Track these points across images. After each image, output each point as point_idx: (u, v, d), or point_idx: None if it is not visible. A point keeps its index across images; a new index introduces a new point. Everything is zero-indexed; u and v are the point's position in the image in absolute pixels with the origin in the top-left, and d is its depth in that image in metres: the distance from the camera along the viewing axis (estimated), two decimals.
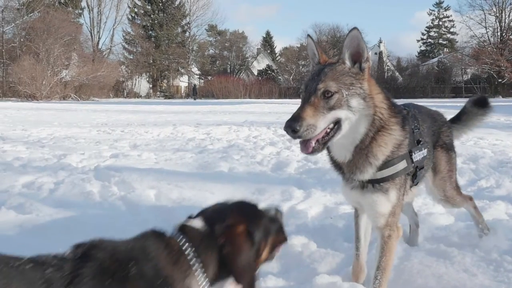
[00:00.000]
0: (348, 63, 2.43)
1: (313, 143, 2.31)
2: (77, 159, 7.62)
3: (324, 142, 2.34)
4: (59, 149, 8.92)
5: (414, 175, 2.75)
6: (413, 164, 2.63)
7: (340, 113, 2.33)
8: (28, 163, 7.21)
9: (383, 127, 2.47)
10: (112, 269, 1.57)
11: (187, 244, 1.78)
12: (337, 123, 2.35)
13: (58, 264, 1.51)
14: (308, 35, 2.69)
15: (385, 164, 2.52)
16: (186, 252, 1.76)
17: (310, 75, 2.45)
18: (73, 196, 5.11)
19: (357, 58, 2.44)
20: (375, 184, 2.55)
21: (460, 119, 3.59)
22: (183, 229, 1.87)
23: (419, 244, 3.61)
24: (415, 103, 3.43)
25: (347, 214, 4.17)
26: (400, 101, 2.90)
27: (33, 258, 1.49)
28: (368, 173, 2.53)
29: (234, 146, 9.51)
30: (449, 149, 3.28)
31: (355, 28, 2.42)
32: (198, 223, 1.89)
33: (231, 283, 1.85)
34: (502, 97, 54.46)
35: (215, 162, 7.38)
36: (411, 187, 2.82)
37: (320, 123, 2.28)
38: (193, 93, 59.77)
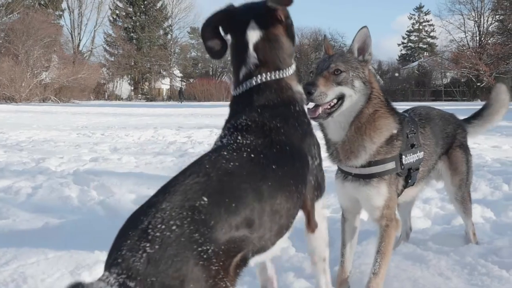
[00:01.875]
0: (355, 53, 2.79)
1: (320, 110, 2.61)
2: (56, 163, 7.54)
3: (327, 113, 2.63)
4: (38, 153, 8.82)
5: (408, 176, 2.88)
6: (402, 167, 2.78)
7: (345, 90, 2.66)
8: (6, 167, 7.11)
9: (378, 109, 2.74)
10: None
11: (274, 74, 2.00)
12: (340, 99, 2.66)
13: None
14: (324, 35, 3.16)
15: (376, 162, 2.71)
16: None
17: (320, 59, 2.82)
18: (51, 201, 5.05)
19: (362, 51, 2.80)
20: (365, 179, 2.74)
21: (482, 114, 3.72)
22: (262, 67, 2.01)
23: (396, 248, 3.65)
24: (429, 106, 3.61)
25: (328, 218, 4.19)
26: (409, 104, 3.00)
27: None
28: (362, 159, 2.72)
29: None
30: (466, 150, 3.47)
31: (365, 26, 2.79)
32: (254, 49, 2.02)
33: None
34: (481, 100, 55.19)
35: None
36: (405, 187, 2.93)
37: (330, 92, 2.61)
38: (180, 96, 59.31)
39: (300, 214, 2.01)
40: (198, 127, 15.55)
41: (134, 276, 1.31)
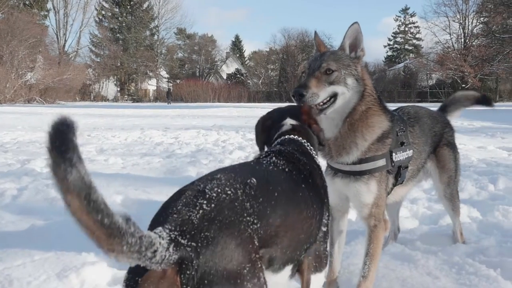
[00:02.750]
0: (347, 50, 2.80)
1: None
2: (42, 164, 7.45)
3: (319, 109, 2.64)
4: (23, 154, 8.72)
5: (398, 174, 2.90)
6: (393, 164, 2.79)
7: (338, 88, 2.67)
8: None
9: (371, 107, 2.76)
10: None
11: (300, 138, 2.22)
12: (333, 97, 2.68)
13: None
14: (315, 32, 3.10)
15: (366, 159, 2.73)
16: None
17: (312, 58, 2.82)
18: (37, 203, 4.99)
19: (354, 47, 2.82)
20: (356, 175, 2.75)
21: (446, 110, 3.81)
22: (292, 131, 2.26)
23: (384, 248, 3.66)
24: (417, 105, 3.66)
25: None
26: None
27: None
28: (353, 155, 2.74)
29: (203, 151, 9.47)
30: (453, 148, 3.52)
31: (356, 22, 2.80)
32: (290, 122, 2.30)
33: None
34: None
35: (183, 166, 7.33)
36: (394, 185, 2.94)
37: (322, 93, 2.62)
38: (168, 96, 58.99)
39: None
40: (185, 128, 15.52)
41: (188, 230, 1.32)
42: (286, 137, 2.18)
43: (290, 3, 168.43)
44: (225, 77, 77.02)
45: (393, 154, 2.80)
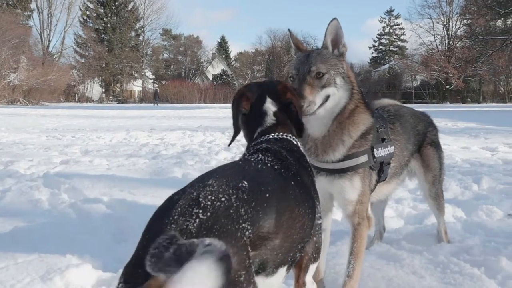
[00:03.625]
0: (329, 47, 2.77)
1: None
2: (25, 166, 7.38)
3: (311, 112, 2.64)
4: (6, 156, 8.61)
5: (381, 171, 2.90)
6: (375, 159, 2.80)
7: (330, 90, 2.66)
8: None
9: (358, 105, 2.78)
10: None
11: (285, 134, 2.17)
12: (325, 98, 2.66)
13: None
14: (289, 30, 3.07)
15: (348, 156, 2.73)
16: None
17: (297, 60, 2.76)
18: (20, 204, 4.94)
19: (335, 43, 2.78)
20: (340, 173, 2.75)
21: None
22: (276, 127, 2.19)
23: (370, 247, 3.68)
24: (400, 104, 3.74)
25: None
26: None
27: None
28: (339, 153, 2.74)
29: (188, 152, 9.44)
30: (437, 147, 3.53)
31: (335, 18, 2.76)
32: (272, 108, 2.22)
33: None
34: (450, 103, 56.43)
35: (168, 167, 7.30)
36: (377, 182, 2.94)
37: (317, 99, 2.60)
38: (155, 97, 58.56)
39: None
40: (171, 129, 15.47)
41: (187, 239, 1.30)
42: (271, 136, 2.13)
43: (275, 4, 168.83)
44: (211, 78, 76.90)
45: (375, 150, 2.81)
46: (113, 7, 71.99)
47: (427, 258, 3.32)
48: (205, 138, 12.27)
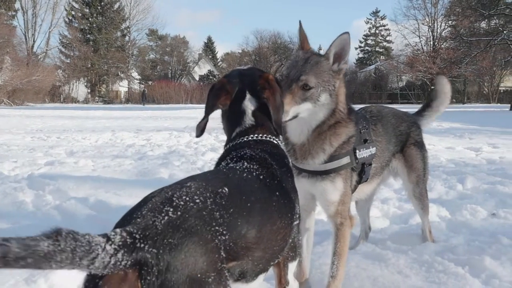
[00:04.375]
0: (331, 60, 2.66)
1: None
2: (9, 167, 7.30)
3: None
4: None
5: (362, 171, 2.90)
6: (356, 160, 2.79)
7: (309, 105, 2.58)
8: None
9: (340, 121, 2.71)
10: None
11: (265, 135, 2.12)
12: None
13: None
14: (300, 22, 2.84)
15: (331, 158, 2.71)
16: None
17: (294, 61, 2.67)
18: (4, 206, 4.87)
19: (338, 57, 2.67)
20: (322, 175, 2.73)
21: (432, 106, 3.81)
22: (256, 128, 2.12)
23: (355, 247, 3.70)
24: (381, 105, 3.69)
25: None
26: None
27: None
28: (319, 159, 2.71)
29: (175, 152, 9.41)
30: (421, 147, 3.52)
31: (347, 32, 2.65)
32: (250, 106, 2.14)
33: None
34: None
35: (155, 168, 7.26)
36: (358, 183, 2.94)
37: (292, 110, 2.51)
38: (143, 98, 58.18)
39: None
40: (157, 129, 15.41)
41: (151, 236, 1.29)
42: (250, 137, 2.08)
43: (262, 4, 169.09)
44: (197, 79, 76.79)
45: (357, 151, 2.80)
46: (99, 7, 71.54)
47: (412, 257, 3.35)
48: (191, 138, 12.22)
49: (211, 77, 74.15)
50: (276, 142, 2.14)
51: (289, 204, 1.90)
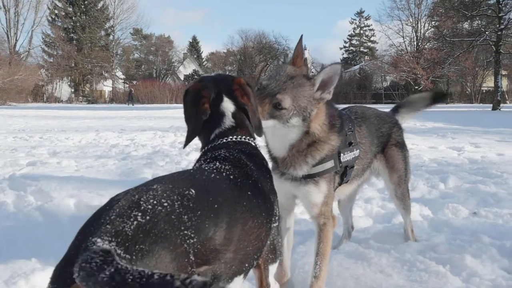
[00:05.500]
0: (316, 86, 2.57)
1: None
2: None
3: None
4: None
5: (344, 174, 2.90)
6: (340, 164, 2.79)
7: (276, 124, 2.52)
8: None
9: (320, 139, 2.68)
10: None
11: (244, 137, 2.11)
12: None
13: None
14: (301, 36, 2.77)
15: (315, 164, 2.71)
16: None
17: (276, 76, 2.57)
18: None
19: (324, 85, 2.59)
20: (306, 178, 2.73)
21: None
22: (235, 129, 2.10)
23: (338, 247, 3.71)
24: (364, 105, 3.71)
25: None
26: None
27: None
28: (302, 170, 2.71)
29: (159, 152, 9.37)
30: (403, 147, 3.54)
31: (339, 63, 2.67)
32: (230, 108, 2.13)
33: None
34: None
35: (139, 168, 7.23)
36: (339, 184, 2.95)
37: None
38: (129, 98, 57.65)
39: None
40: (141, 129, 15.32)
41: (122, 242, 1.26)
42: (229, 138, 2.07)
43: (247, 4, 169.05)
44: (182, 78, 76.50)
45: (342, 154, 2.79)
46: (82, 6, 70.86)
47: (394, 256, 3.37)
48: (176, 138, 12.18)
49: (196, 76, 73.82)
50: (254, 144, 2.12)
51: (264, 204, 1.88)
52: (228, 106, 2.12)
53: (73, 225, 4.16)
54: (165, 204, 1.41)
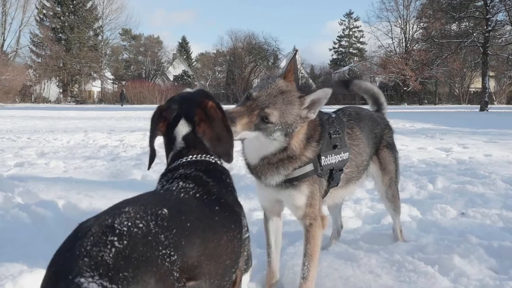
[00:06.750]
0: (306, 104, 2.58)
1: None
2: None
3: None
4: None
5: (330, 177, 2.87)
6: (321, 167, 2.75)
7: (260, 136, 2.51)
8: None
9: (294, 155, 2.66)
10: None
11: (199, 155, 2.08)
12: None
13: None
14: (296, 50, 2.76)
15: (292, 170, 2.69)
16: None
17: (267, 89, 2.54)
18: None
19: (312, 105, 2.59)
20: (286, 183, 2.71)
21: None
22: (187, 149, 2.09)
23: (328, 247, 3.72)
24: (359, 106, 3.67)
25: (260, 220, 4.20)
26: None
27: None
28: (274, 180, 2.70)
29: (148, 153, 9.29)
30: (393, 149, 3.56)
31: (331, 88, 2.62)
32: (183, 131, 2.12)
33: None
34: (407, 104, 57.70)
35: (128, 169, 7.19)
36: (329, 187, 2.92)
37: (242, 133, 2.44)
38: (121, 98, 57.26)
39: None
40: (130, 130, 15.25)
41: (105, 273, 1.24)
42: (185, 159, 2.06)
43: (237, 5, 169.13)
44: (171, 79, 76.30)
45: (322, 157, 2.75)
46: (71, 6, 70.49)
47: (383, 257, 3.38)
48: None
49: (185, 77, 73.80)
50: (213, 161, 2.10)
51: (232, 217, 1.88)
52: (181, 129, 2.12)
53: (62, 227, 4.15)
54: (140, 225, 1.39)
